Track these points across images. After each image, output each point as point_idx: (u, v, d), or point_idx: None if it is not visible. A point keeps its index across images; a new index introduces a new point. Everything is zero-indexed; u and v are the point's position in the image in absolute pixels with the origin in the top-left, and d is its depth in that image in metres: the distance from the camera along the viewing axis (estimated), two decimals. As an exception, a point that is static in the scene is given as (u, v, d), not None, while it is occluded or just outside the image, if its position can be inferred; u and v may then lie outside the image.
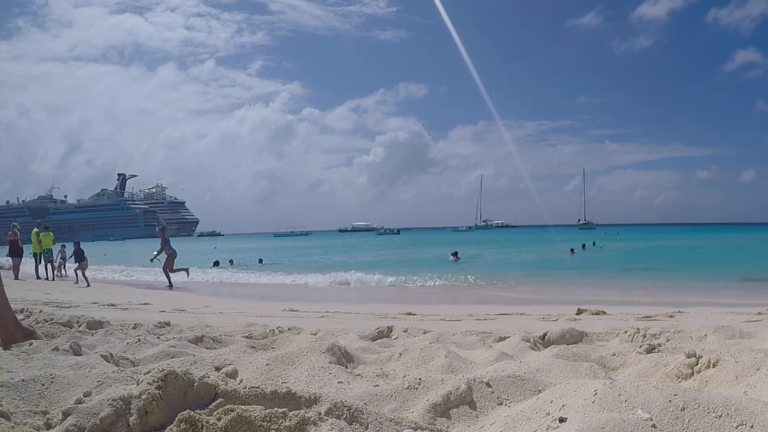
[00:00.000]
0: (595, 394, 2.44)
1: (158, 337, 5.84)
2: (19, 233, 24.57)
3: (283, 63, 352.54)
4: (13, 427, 2.35)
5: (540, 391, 2.93)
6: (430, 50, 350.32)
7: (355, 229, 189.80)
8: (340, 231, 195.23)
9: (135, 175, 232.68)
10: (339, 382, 3.38)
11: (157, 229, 24.52)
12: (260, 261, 40.93)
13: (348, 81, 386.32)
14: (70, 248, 25.05)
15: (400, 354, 4.56)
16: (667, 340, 5.28)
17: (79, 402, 2.38)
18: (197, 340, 5.42)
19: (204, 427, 2.20)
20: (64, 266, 26.58)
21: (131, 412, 2.25)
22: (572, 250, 43.57)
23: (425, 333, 6.34)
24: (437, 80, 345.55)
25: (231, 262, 39.98)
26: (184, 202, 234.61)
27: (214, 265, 37.15)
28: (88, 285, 21.22)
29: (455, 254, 40.39)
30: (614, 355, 4.43)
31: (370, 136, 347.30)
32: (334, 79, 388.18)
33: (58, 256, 26.29)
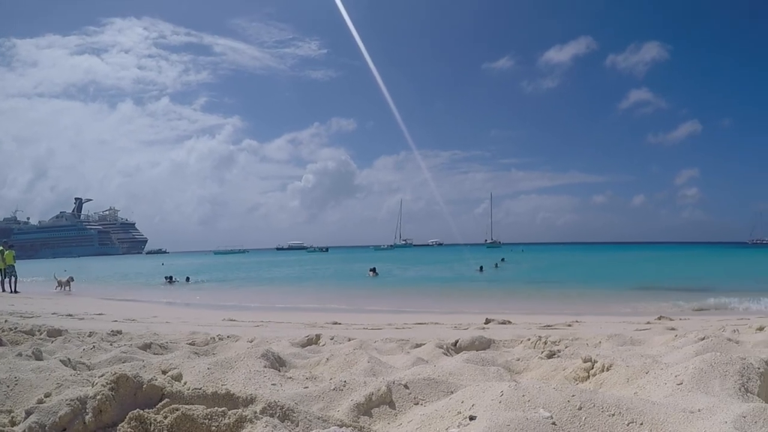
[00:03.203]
0: (502, 394, 2.51)
1: (111, 344, 5.81)
2: None
3: (225, 99, 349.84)
4: None
5: (452, 392, 3.00)
6: (358, 88, 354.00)
7: (290, 247, 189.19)
8: (278, 249, 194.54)
9: (90, 199, 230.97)
10: (273, 384, 3.42)
11: None
12: (187, 279, 37.11)
13: (285, 115, 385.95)
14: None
15: (327, 359, 4.60)
16: (566, 347, 5.45)
17: (40, 402, 2.46)
18: (146, 347, 5.42)
19: (152, 425, 2.26)
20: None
21: (87, 411, 2.31)
22: (481, 268, 43.13)
23: (350, 340, 6.36)
24: (365, 116, 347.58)
25: (170, 279, 36.50)
26: (134, 223, 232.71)
27: (169, 281, 35.41)
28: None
29: (373, 270, 39.76)
30: (519, 360, 4.55)
31: (302, 164, 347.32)
32: (272, 113, 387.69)
33: None
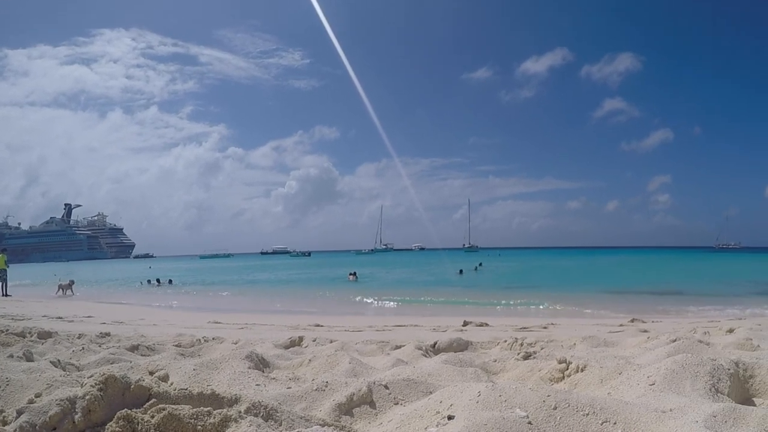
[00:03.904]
0: (479, 395, 2.52)
1: (100, 346, 5.81)
2: None
3: (211, 107, 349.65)
4: None
5: (431, 392, 3.01)
6: (340, 98, 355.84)
7: (274, 252, 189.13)
8: (262, 253, 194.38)
9: (80, 205, 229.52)
10: (257, 385, 3.44)
11: None
12: (169, 281, 37.81)
13: (269, 124, 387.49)
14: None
15: (310, 360, 4.63)
16: (542, 348, 5.47)
17: (31, 402, 2.52)
18: (133, 348, 5.43)
19: (139, 424, 2.29)
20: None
21: (76, 410, 2.34)
22: (461, 271, 43.30)
23: (331, 342, 6.36)
24: (347, 124, 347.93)
25: (158, 281, 37.37)
26: (122, 228, 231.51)
27: (158, 283, 35.98)
28: None
29: (353, 274, 39.47)
30: (495, 361, 4.57)
31: (286, 171, 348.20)
32: (257, 122, 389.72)
33: None
